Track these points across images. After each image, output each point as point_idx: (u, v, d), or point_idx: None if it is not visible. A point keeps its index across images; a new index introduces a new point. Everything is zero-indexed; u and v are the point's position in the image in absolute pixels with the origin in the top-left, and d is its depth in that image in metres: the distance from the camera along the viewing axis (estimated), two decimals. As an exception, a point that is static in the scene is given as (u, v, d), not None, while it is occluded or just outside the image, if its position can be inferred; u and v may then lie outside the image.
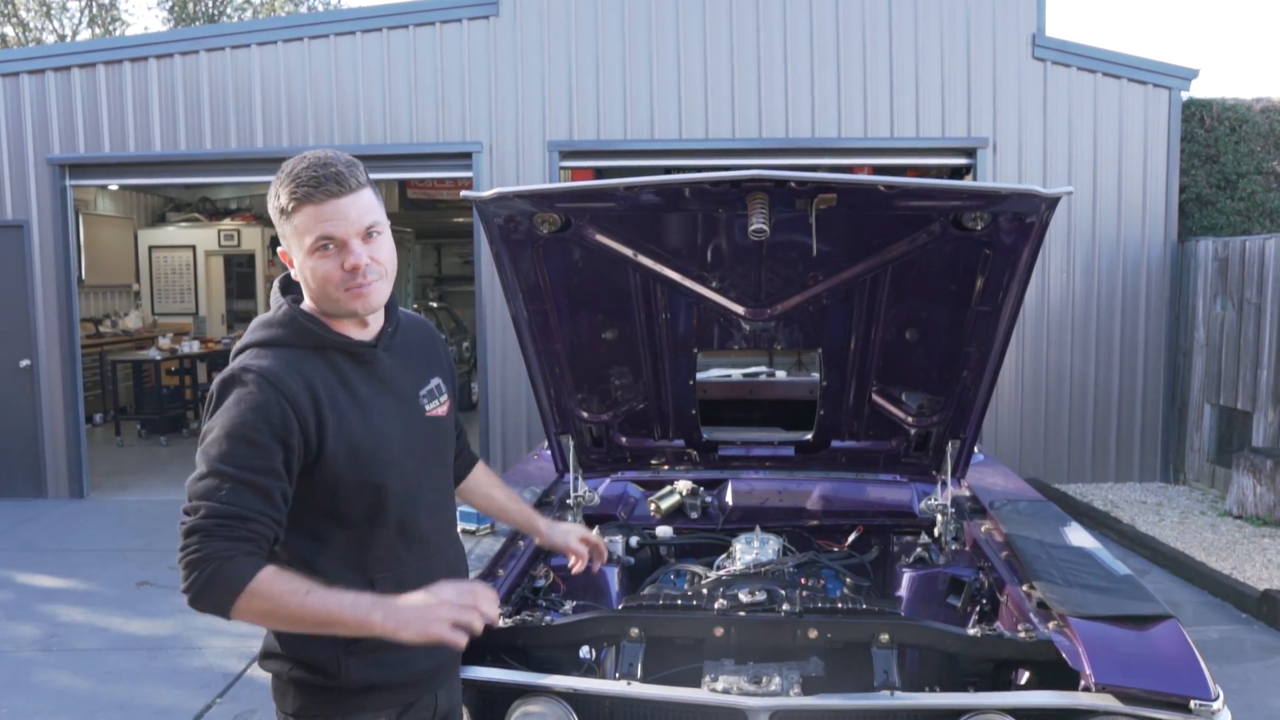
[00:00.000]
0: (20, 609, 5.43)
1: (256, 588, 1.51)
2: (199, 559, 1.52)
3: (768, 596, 2.34)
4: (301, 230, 1.64)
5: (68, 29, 20.87)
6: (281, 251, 1.73)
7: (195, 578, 1.52)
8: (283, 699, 1.76)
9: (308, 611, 1.53)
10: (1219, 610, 5.24)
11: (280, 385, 1.62)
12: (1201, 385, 7.68)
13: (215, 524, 1.54)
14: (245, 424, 1.59)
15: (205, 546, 1.52)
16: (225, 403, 1.62)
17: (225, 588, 1.51)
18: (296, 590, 1.53)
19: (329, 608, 1.54)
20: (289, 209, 1.64)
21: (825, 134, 7.65)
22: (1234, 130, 7.94)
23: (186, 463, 9.75)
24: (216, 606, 1.53)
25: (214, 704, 4.20)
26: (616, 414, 3.20)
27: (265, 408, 1.60)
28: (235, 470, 1.57)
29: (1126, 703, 1.97)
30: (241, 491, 1.56)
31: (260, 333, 1.72)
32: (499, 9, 7.62)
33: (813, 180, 2.27)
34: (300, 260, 1.68)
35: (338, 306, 1.70)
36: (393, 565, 1.75)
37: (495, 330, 7.78)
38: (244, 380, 1.62)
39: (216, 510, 1.54)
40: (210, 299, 13.53)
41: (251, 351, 1.69)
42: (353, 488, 1.69)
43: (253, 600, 1.52)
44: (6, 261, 7.90)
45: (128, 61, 7.82)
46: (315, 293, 1.70)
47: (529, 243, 2.62)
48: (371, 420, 1.72)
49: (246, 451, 1.58)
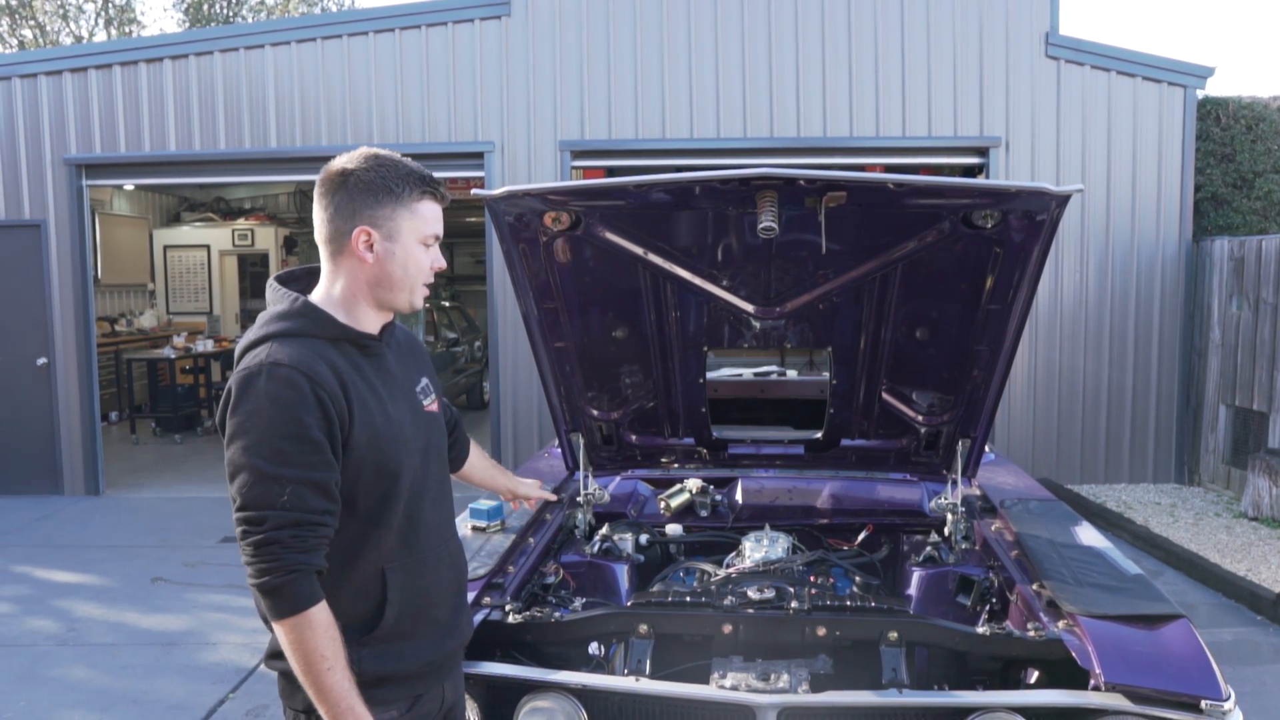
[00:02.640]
0: (37, 604, 5.49)
1: (305, 623, 1.58)
2: (276, 567, 1.57)
3: (776, 594, 2.34)
4: (422, 221, 1.72)
5: (84, 31, 21.04)
6: (362, 230, 1.70)
7: (268, 581, 1.58)
8: (292, 697, 1.76)
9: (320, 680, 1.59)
10: (1233, 612, 5.20)
11: (315, 376, 1.62)
12: (1216, 386, 7.63)
13: (289, 535, 1.57)
14: (292, 420, 1.58)
15: (281, 558, 1.57)
16: (258, 400, 1.59)
17: (287, 603, 1.58)
18: (326, 657, 1.59)
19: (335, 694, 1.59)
20: (412, 198, 1.71)
21: (837, 133, 7.64)
22: (1250, 129, 7.88)
23: (201, 461, 9.82)
24: (272, 610, 1.60)
25: (227, 699, 4.23)
26: (627, 412, 3.21)
27: (306, 401, 1.60)
28: (293, 471, 1.58)
29: (1136, 702, 1.96)
30: (302, 493, 1.58)
31: (278, 324, 1.70)
32: (511, 9, 7.64)
33: (821, 178, 2.27)
34: (400, 247, 1.71)
35: (397, 301, 1.76)
36: (402, 556, 1.77)
37: (507, 329, 7.80)
38: (276, 375, 1.60)
39: (286, 520, 1.57)
40: (224, 298, 13.62)
41: (272, 344, 1.66)
42: (371, 476, 1.70)
43: (297, 630, 1.58)
44: (24, 261, 7.97)
45: (143, 63, 7.88)
46: (387, 282, 1.73)
47: (539, 241, 2.64)
48: (386, 409, 1.74)
49: (299, 449, 1.58)
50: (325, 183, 1.73)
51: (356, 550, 1.72)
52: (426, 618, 1.80)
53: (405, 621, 1.75)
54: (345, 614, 1.68)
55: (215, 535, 6.81)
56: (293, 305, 1.72)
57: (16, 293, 8.01)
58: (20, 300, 8.01)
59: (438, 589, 1.84)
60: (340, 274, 1.75)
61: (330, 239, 1.73)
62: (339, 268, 1.75)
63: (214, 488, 8.30)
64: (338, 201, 1.71)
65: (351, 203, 1.70)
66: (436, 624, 1.83)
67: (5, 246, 7.98)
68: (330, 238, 1.73)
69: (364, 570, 1.71)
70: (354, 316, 1.76)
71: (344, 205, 1.70)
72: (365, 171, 1.70)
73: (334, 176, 1.72)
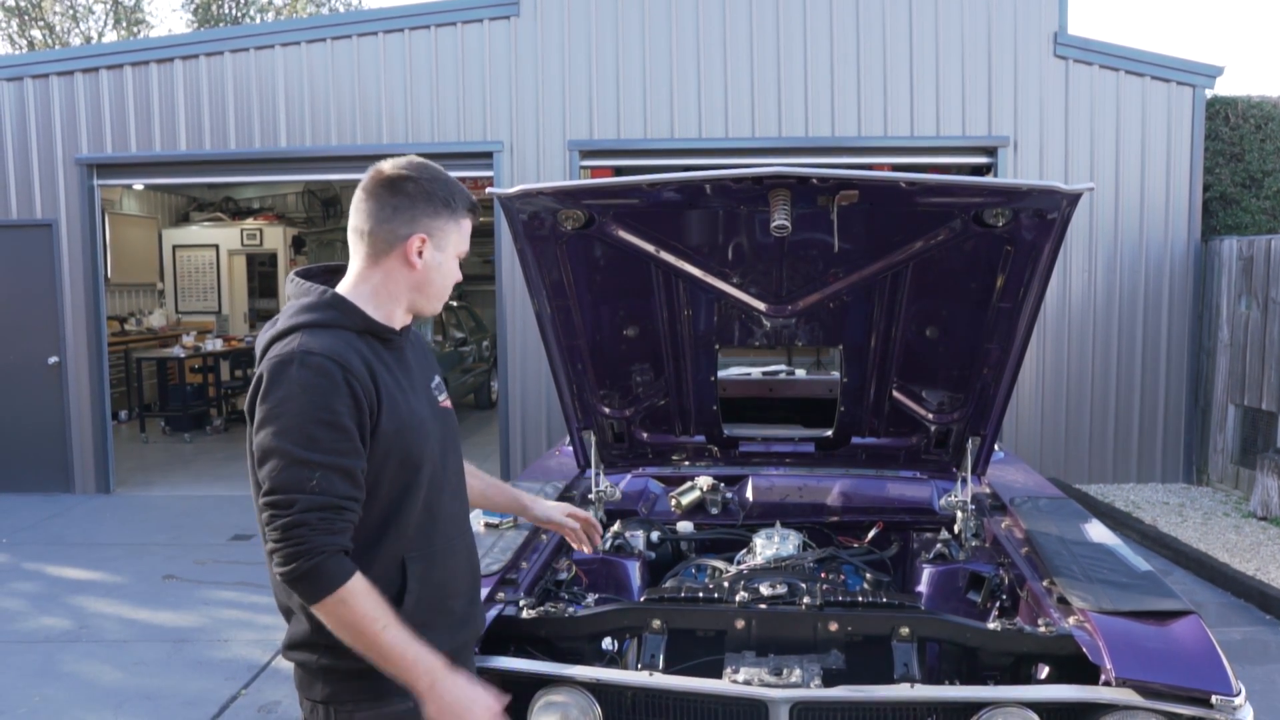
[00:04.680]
0: (50, 600, 5.53)
1: (346, 595, 1.60)
2: (303, 551, 1.59)
3: (789, 590, 2.36)
4: (462, 237, 1.84)
5: (93, 31, 21.13)
6: (420, 237, 1.76)
7: (296, 567, 1.59)
8: (309, 688, 1.79)
9: (378, 642, 1.62)
10: (1242, 612, 5.20)
11: (346, 364, 1.65)
12: (1225, 385, 7.62)
13: (316, 518, 1.59)
14: (323, 407, 1.62)
15: (308, 540, 1.59)
16: (290, 387, 1.63)
17: (321, 584, 1.60)
18: (378, 619, 1.62)
19: (397, 650, 1.62)
20: (460, 214, 1.82)
21: (845, 133, 7.65)
22: (1259, 128, 7.86)
23: (210, 460, 9.87)
24: (307, 596, 1.62)
25: (240, 695, 4.26)
26: (638, 410, 3.22)
27: (338, 389, 1.63)
28: (322, 457, 1.61)
29: (1147, 697, 1.97)
30: (331, 478, 1.61)
31: (307, 315, 1.72)
32: (520, 9, 7.66)
33: (834, 177, 2.28)
34: (440, 257, 1.80)
35: (430, 304, 1.85)
36: (423, 545, 1.80)
37: (515, 328, 7.83)
38: (309, 363, 1.63)
39: (314, 504, 1.60)
40: (233, 297, 13.67)
41: (302, 334, 1.69)
42: (396, 466, 1.73)
43: (339, 606, 1.61)
44: (36, 260, 8.02)
45: (154, 63, 7.93)
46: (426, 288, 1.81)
47: (552, 239, 2.66)
48: (409, 400, 1.78)
49: (330, 436, 1.62)
50: (383, 184, 1.77)
51: (378, 539, 1.75)
52: (443, 608, 1.83)
53: (422, 611, 1.78)
54: None
55: (226, 533, 6.85)
56: (321, 297, 1.75)
57: (28, 292, 8.07)
58: (32, 299, 8.06)
59: (454, 581, 1.87)
60: (379, 272, 1.79)
61: (381, 238, 1.77)
62: (379, 266, 1.78)
63: (224, 486, 8.34)
64: (396, 204, 1.76)
65: (413, 209, 1.76)
66: (452, 615, 1.86)
67: (17, 246, 8.03)
68: (381, 237, 1.77)
69: (385, 559, 1.74)
70: (382, 312, 1.79)
71: (404, 210, 1.76)
72: (428, 182, 1.77)
73: (393, 180, 1.77)
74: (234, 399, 11.83)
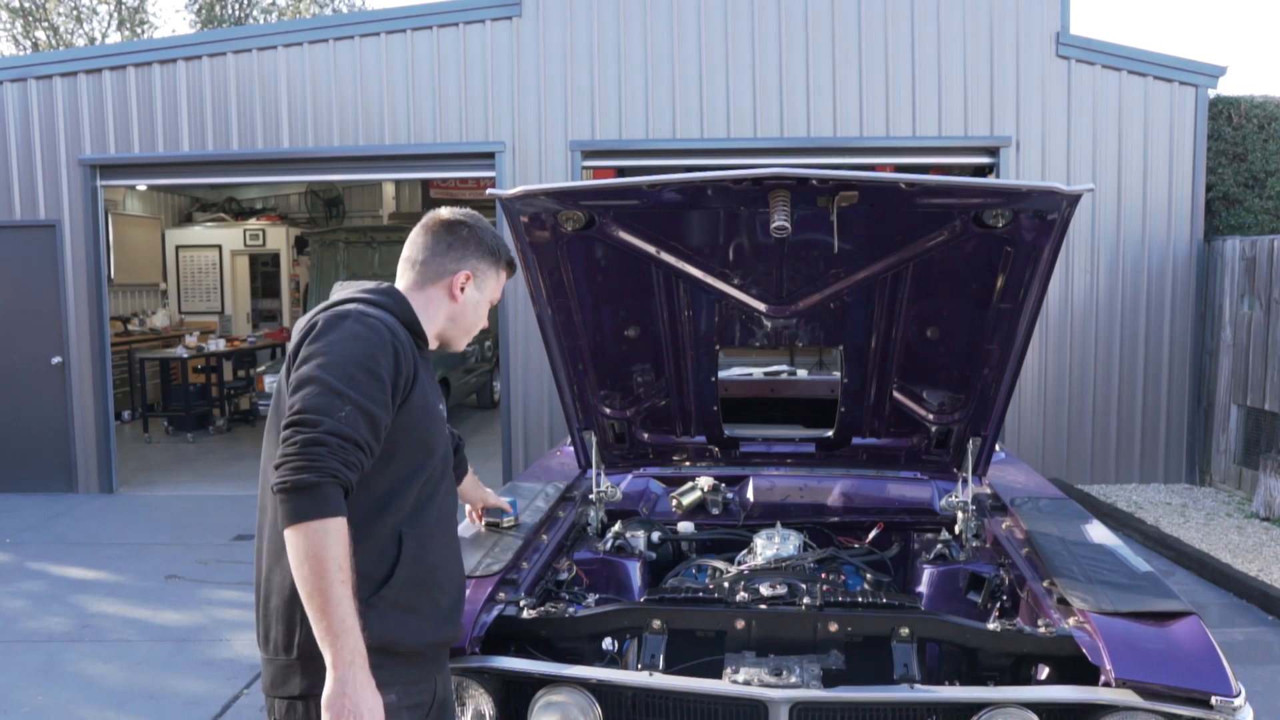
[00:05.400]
0: (53, 600, 5.54)
1: (329, 527, 1.63)
2: (314, 467, 1.63)
3: (789, 590, 2.36)
4: (498, 285, 2.09)
5: (97, 32, 21.17)
6: (468, 274, 2.01)
7: (301, 479, 1.63)
8: (285, 683, 1.77)
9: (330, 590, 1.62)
10: (1245, 612, 5.19)
11: (396, 332, 1.83)
12: (1228, 386, 7.61)
13: (336, 442, 1.66)
14: (369, 356, 1.75)
15: (323, 460, 1.64)
16: (342, 334, 1.76)
17: (315, 504, 1.63)
18: (341, 568, 1.63)
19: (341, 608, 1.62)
20: (502, 264, 2.07)
21: (847, 133, 7.65)
22: (1262, 128, 7.85)
23: (213, 459, 9.89)
24: (295, 512, 1.63)
25: (242, 694, 4.27)
26: (639, 410, 3.23)
27: (384, 347, 1.77)
28: (357, 395, 1.70)
29: (1147, 698, 1.98)
30: (357, 418, 1.70)
31: (366, 294, 1.90)
32: (522, 10, 7.67)
33: (834, 178, 2.29)
34: (478, 297, 2.04)
35: (456, 340, 2.07)
36: (418, 525, 1.87)
37: (517, 329, 7.83)
38: (364, 320, 1.79)
39: (337, 430, 1.67)
40: (236, 298, 13.70)
41: (360, 304, 1.85)
42: (414, 443, 1.85)
43: (315, 534, 1.62)
44: (39, 261, 8.04)
45: (157, 64, 7.94)
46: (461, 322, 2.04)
47: (553, 240, 2.66)
48: (433, 394, 1.94)
49: (368, 380, 1.73)
50: (442, 224, 2.02)
51: (383, 506, 1.82)
52: (429, 597, 1.88)
53: (410, 590, 1.83)
54: (361, 566, 1.74)
55: (228, 533, 6.86)
56: (379, 286, 1.95)
57: (32, 292, 8.08)
58: (35, 300, 8.08)
59: (442, 572, 1.92)
60: (421, 297, 1.98)
61: (431, 269, 2.00)
62: (423, 293, 1.99)
63: (227, 486, 8.36)
64: (451, 243, 2.01)
65: (464, 249, 2.01)
66: (437, 607, 1.90)
67: (21, 246, 8.05)
68: (432, 268, 2.00)
69: (385, 527, 1.82)
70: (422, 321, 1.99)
71: (459, 247, 2.01)
72: (481, 230, 2.04)
73: (451, 224, 2.02)
74: (237, 399, 11.86)
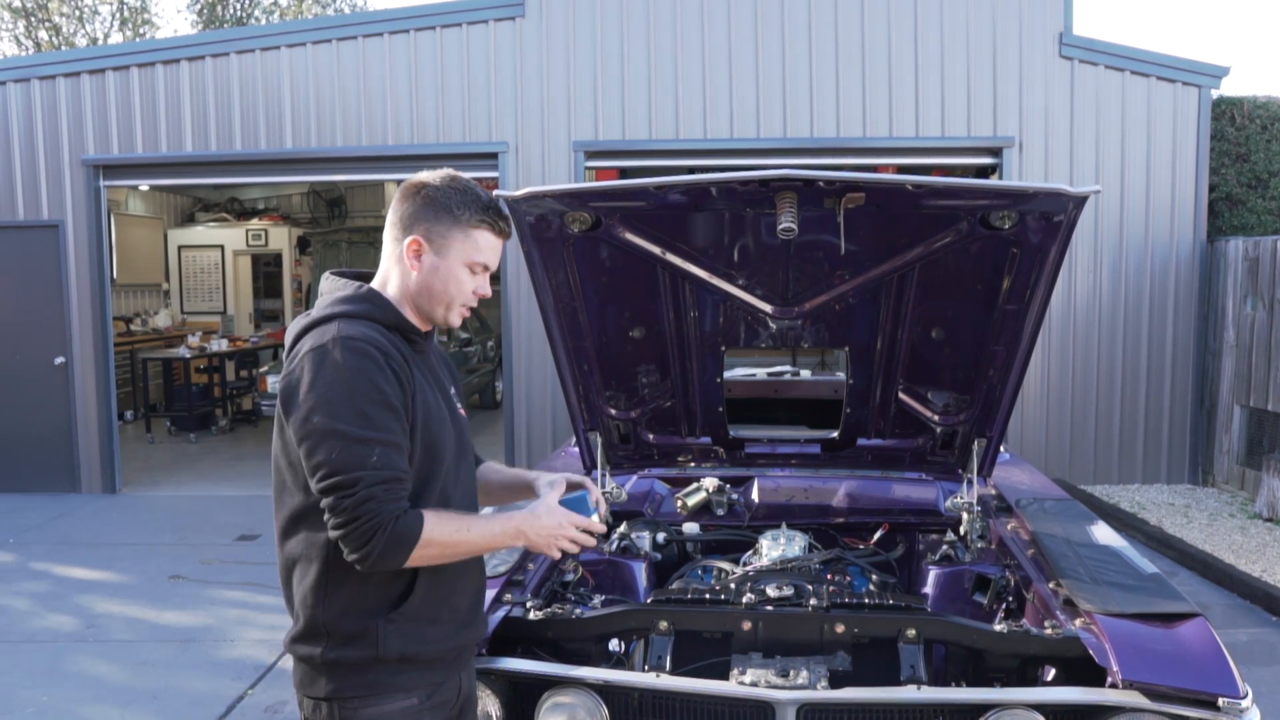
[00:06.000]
0: (57, 600, 5.55)
1: (429, 537, 1.69)
2: (377, 524, 1.64)
3: (795, 591, 2.36)
4: (473, 247, 1.83)
5: (99, 33, 21.19)
6: (415, 240, 1.82)
7: (375, 542, 1.64)
8: (313, 684, 1.79)
9: (474, 544, 1.78)
10: (1248, 613, 5.19)
11: (386, 352, 1.73)
12: (1231, 386, 7.60)
13: (382, 490, 1.65)
14: (372, 387, 1.68)
15: (380, 511, 1.64)
16: (335, 374, 1.68)
17: (404, 545, 1.67)
18: (459, 528, 1.74)
19: (490, 536, 1.79)
20: (472, 223, 1.82)
21: (850, 133, 7.65)
22: (1265, 128, 7.84)
23: (215, 460, 9.88)
24: (394, 561, 1.69)
25: (247, 694, 4.27)
26: (644, 411, 3.23)
27: (383, 370, 1.70)
28: (379, 435, 1.67)
29: (1154, 700, 1.98)
30: (389, 454, 1.68)
31: (342, 306, 1.79)
32: (525, 10, 7.67)
33: (841, 179, 2.29)
34: (445, 263, 1.82)
35: (434, 313, 1.86)
36: None
37: (520, 329, 7.84)
38: (351, 347, 1.70)
39: (378, 477, 1.65)
40: (238, 298, 13.71)
41: (339, 322, 1.75)
42: (422, 454, 1.79)
43: (427, 549, 1.70)
44: (42, 261, 8.05)
45: (160, 64, 7.95)
46: (431, 292, 1.84)
47: (559, 241, 2.66)
48: (435, 398, 1.85)
49: (383, 416, 1.68)
50: (402, 191, 1.87)
51: None
52: (449, 605, 1.86)
53: (430, 604, 1.81)
54: (377, 587, 1.75)
55: (232, 533, 6.86)
56: (357, 291, 1.83)
57: (35, 293, 8.09)
58: (38, 300, 8.09)
59: (461, 580, 1.89)
60: (393, 274, 1.87)
61: (391, 239, 1.87)
62: (393, 268, 1.87)
63: (230, 486, 8.37)
64: (404, 209, 1.84)
65: (415, 213, 1.83)
66: (457, 613, 1.88)
67: (24, 247, 8.06)
68: (392, 238, 1.86)
69: None
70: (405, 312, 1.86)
71: (409, 214, 1.83)
72: (436, 189, 1.83)
73: (412, 187, 1.85)
74: (239, 399, 11.87)
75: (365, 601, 1.76)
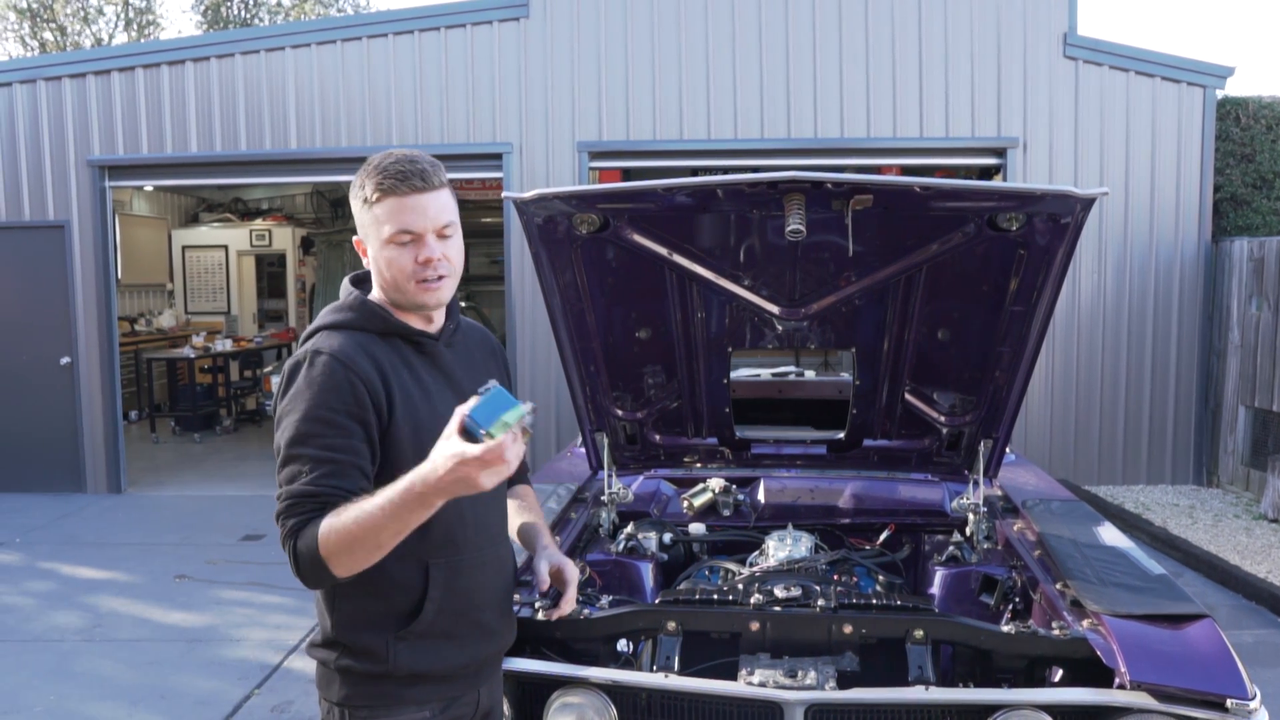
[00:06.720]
0: (63, 600, 5.56)
1: (326, 536, 1.55)
2: (285, 539, 1.62)
3: (803, 592, 2.36)
4: (381, 220, 1.71)
5: (104, 33, 21.22)
6: (357, 240, 1.79)
7: (292, 560, 1.61)
8: (328, 687, 1.79)
9: (369, 519, 1.51)
10: (1254, 614, 5.19)
11: (351, 364, 1.68)
12: (1236, 387, 7.59)
13: (289, 505, 1.62)
14: (321, 404, 1.65)
15: (285, 528, 1.62)
16: (297, 386, 1.68)
17: (310, 554, 1.57)
18: (359, 519, 1.52)
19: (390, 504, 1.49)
20: (373, 199, 1.71)
21: (854, 134, 7.65)
22: (1270, 128, 7.84)
23: (220, 460, 9.92)
24: (324, 575, 1.58)
25: (253, 694, 4.28)
26: (651, 412, 3.23)
27: (339, 388, 1.66)
28: (314, 451, 1.63)
29: (1162, 701, 1.98)
30: (319, 470, 1.61)
31: (330, 316, 1.79)
32: (529, 11, 7.68)
33: (850, 181, 2.29)
34: (375, 250, 1.75)
35: (407, 298, 1.76)
36: (448, 553, 1.77)
37: (525, 329, 7.84)
38: (314, 363, 1.68)
39: (294, 492, 1.62)
40: (242, 298, 13.72)
41: (322, 334, 1.75)
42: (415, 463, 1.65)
43: (331, 550, 1.55)
44: (48, 261, 8.07)
45: (165, 65, 7.97)
46: (388, 283, 1.77)
47: (567, 243, 2.67)
48: (434, 404, 1.75)
49: (323, 431, 1.64)
50: None
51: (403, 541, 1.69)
52: (468, 619, 1.81)
53: (445, 620, 1.77)
54: (385, 604, 1.72)
55: (237, 533, 6.88)
56: (348, 299, 1.81)
57: (40, 293, 8.11)
58: (44, 300, 8.11)
59: (481, 591, 1.84)
60: (372, 278, 1.84)
61: None
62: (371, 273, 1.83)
63: (234, 486, 8.38)
64: None
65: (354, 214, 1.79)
66: (479, 626, 1.83)
67: (30, 247, 8.08)
68: None
69: (407, 562, 1.71)
70: (401, 316, 1.80)
71: None
72: (354, 181, 1.77)
73: None
74: (243, 399, 11.89)
75: (372, 615, 1.73)
